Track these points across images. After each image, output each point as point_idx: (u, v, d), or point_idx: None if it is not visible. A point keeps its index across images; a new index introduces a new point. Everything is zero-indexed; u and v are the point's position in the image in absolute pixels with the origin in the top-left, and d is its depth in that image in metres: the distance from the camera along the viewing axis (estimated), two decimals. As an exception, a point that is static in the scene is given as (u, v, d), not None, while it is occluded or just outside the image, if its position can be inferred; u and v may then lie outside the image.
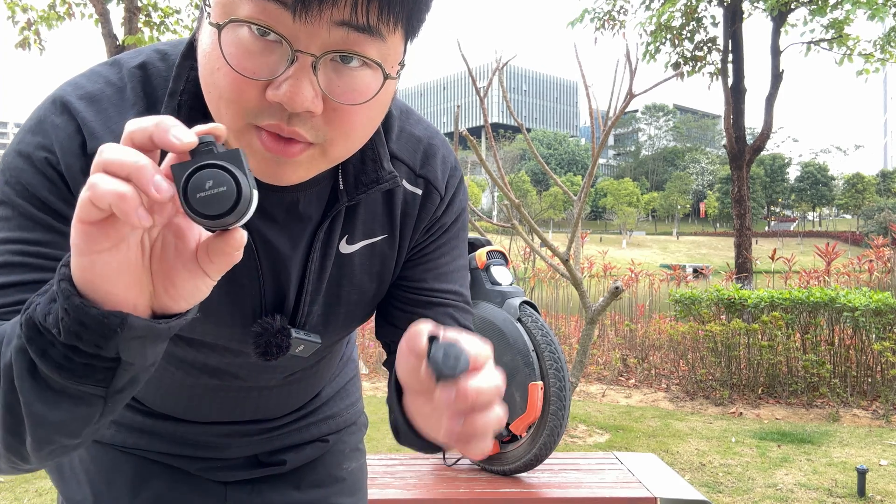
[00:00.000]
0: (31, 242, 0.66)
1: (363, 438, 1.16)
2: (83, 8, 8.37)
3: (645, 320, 8.20)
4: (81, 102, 0.69)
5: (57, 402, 0.54)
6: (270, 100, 0.59)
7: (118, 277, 0.50)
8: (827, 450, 4.53)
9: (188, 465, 0.97)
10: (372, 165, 0.77)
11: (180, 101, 0.70)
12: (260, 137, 0.62)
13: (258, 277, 0.78)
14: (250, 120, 0.61)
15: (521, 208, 4.32)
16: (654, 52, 11.32)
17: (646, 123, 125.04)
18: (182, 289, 0.52)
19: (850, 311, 5.59)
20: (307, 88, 0.58)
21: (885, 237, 8.76)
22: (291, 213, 0.77)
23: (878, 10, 8.89)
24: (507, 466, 2.46)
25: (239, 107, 0.61)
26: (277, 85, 0.59)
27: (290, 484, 1.02)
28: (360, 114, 0.64)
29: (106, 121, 0.69)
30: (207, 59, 0.62)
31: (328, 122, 0.62)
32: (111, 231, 0.48)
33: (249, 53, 0.59)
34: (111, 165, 0.47)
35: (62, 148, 0.67)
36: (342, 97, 0.61)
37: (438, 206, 0.84)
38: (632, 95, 4.15)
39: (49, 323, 0.50)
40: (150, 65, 0.73)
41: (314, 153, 0.64)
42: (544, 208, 46.00)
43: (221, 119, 0.63)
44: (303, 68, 0.58)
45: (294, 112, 0.60)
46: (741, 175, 10.51)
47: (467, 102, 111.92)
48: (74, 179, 0.68)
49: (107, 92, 0.71)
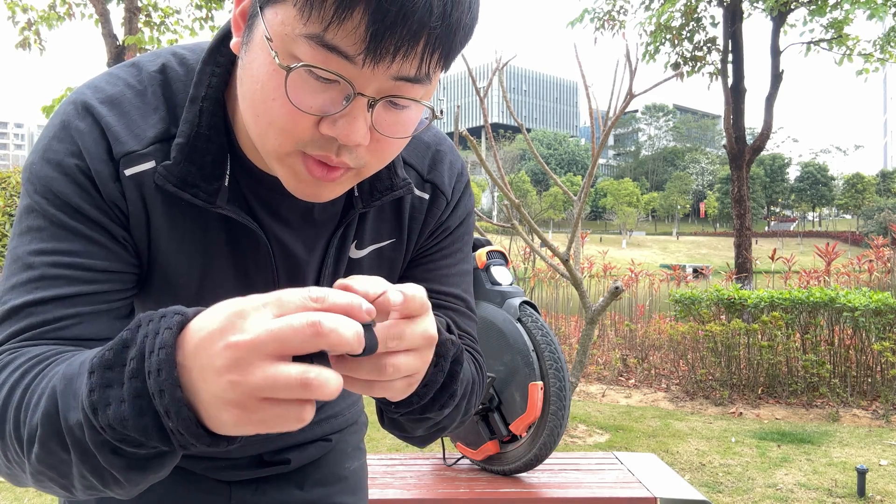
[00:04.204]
0: (66, 253, 0.67)
1: (364, 438, 1.16)
2: (83, 8, 8.38)
3: (645, 320, 8.20)
4: (104, 107, 0.70)
5: (146, 465, 0.54)
6: (324, 133, 0.61)
7: None
8: (827, 450, 4.53)
9: (193, 465, 0.96)
10: (386, 173, 0.79)
11: (202, 108, 0.70)
12: (306, 163, 0.64)
13: (274, 281, 0.79)
14: (298, 147, 0.63)
15: (521, 208, 4.32)
16: (654, 52, 11.33)
17: (646, 123, 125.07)
18: None
19: (850, 311, 5.59)
20: (363, 126, 0.61)
21: (885, 237, 8.77)
22: (306, 219, 0.79)
23: (877, 10, 8.89)
24: (507, 466, 2.46)
25: (291, 136, 0.62)
26: (333, 120, 0.61)
27: (294, 483, 1.02)
28: (400, 142, 0.67)
29: (129, 124, 0.70)
30: (262, 87, 0.62)
31: (370, 152, 0.65)
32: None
33: (310, 91, 0.60)
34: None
35: (90, 154, 0.68)
36: (388, 131, 0.64)
37: (444, 210, 0.86)
38: (632, 95, 4.15)
39: (154, 439, 0.50)
40: (169, 69, 0.73)
41: (351, 175, 0.67)
42: (544, 208, 45.96)
43: (266, 141, 0.64)
44: (359, 108, 0.60)
45: (345, 145, 0.62)
46: (741, 175, 10.51)
47: (467, 102, 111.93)
48: (105, 185, 0.68)
49: (127, 95, 0.71)
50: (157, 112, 0.71)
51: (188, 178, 0.70)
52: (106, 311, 0.71)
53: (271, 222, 0.77)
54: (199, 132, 0.70)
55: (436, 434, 0.79)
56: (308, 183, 0.66)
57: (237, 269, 0.78)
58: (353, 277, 0.54)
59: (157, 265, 0.75)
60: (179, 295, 0.77)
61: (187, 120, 0.70)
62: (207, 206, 0.71)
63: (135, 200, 0.71)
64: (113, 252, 0.71)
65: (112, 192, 0.69)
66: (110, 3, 7.35)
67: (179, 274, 0.76)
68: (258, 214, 0.77)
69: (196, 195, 0.70)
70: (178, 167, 0.69)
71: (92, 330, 0.70)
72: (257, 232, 0.75)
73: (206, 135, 0.70)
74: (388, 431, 0.78)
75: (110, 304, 0.71)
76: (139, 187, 0.70)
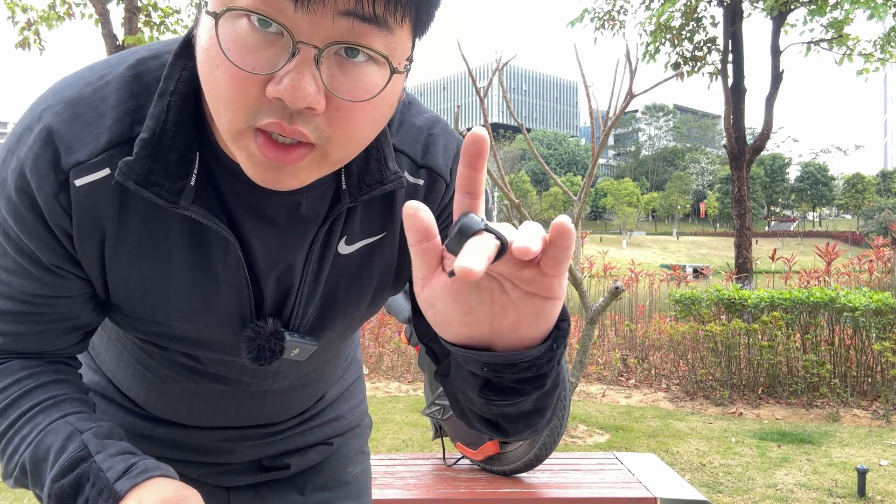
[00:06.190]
0: (2, 270, 0.72)
1: (367, 441, 1.14)
2: (83, 8, 8.38)
3: (645, 320, 8.20)
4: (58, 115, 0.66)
5: None
6: (270, 96, 0.56)
7: None
8: (827, 450, 4.53)
9: (191, 471, 0.95)
10: (376, 165, 0.74)
11: (169, 102, 0.66)
12: (257, 142, 0.59)
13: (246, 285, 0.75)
14: (250, 121, 0.58)
15: (521, 208, 4.31)
16: (654, 52, 11.33)
17: (646, 123, 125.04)
18: None
19: (851, 311, 5.59)
20: (309, 83, 0.55)
21: (885, 237, 8.76)
22: (293, 215, 0.75)
23: (877, 10, 8.89)
24: (507, 466, 2.46)
25: (238, 105, 0.57)
26: (278, 80, 0.55)
27: (294, 488, 1.00)
28: (364, 113, 0.60)
29: (81, 132, 0.66)
30: (206, 55, 0.58)
31: (330, 122, 0.59)
32: None
33: (248, 47, 0.56)
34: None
35: (34, 170, 0.65)
36: (346, 94, 0.58)
37: (445, 193, 0.81)
38: (632, 95, 4.15)
39: None
40: (141, 63, 0.70)
41: (314, 157, 0.61)
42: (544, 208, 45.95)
43: (221, 121, 0.60)
44: (305, 61, 0.55)
45: (296, 109, 0.56)
46: (741, 175, 10.51)
47: (467, 102, 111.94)
48: (47, 202, 0.66)
49: (85, 96, 0.67)
50: (115, 111, 0.67)
51: (151, 175, 0.65)
52: (52, 329, 0.75)
53: (253, 222, 0.73)
54: (164, 128, 0.65)
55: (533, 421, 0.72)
56: (264, 167, 0.60)
57: (202, 273, 0.73)
58: None
59: (115, 275, 0.73)
60: (143, 303, 0.75)
61: (153, 115, 0.66)
62: (169, 206, 0.66)
63: (85, 211, 0.67)
64: (43, 281, 0.71)
65: (54, 210, 0.67)
66: (110, 3, 7.35)
67: (140, 282, 0.73)
68: (236, 215, 0.72)
69: (158, 194, 0.65)
70: (141, 164, 0.65)
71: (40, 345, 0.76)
72: (224, 234, 0.70)
73: (173, 130, 0.66)
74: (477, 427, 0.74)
75: (52, 325, 0.75)
76: (90, 197, 0.67)
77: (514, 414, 0.67)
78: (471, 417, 0.73)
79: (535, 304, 0.54)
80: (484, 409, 0.67)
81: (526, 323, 0.55)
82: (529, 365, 0.58)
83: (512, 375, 0.59)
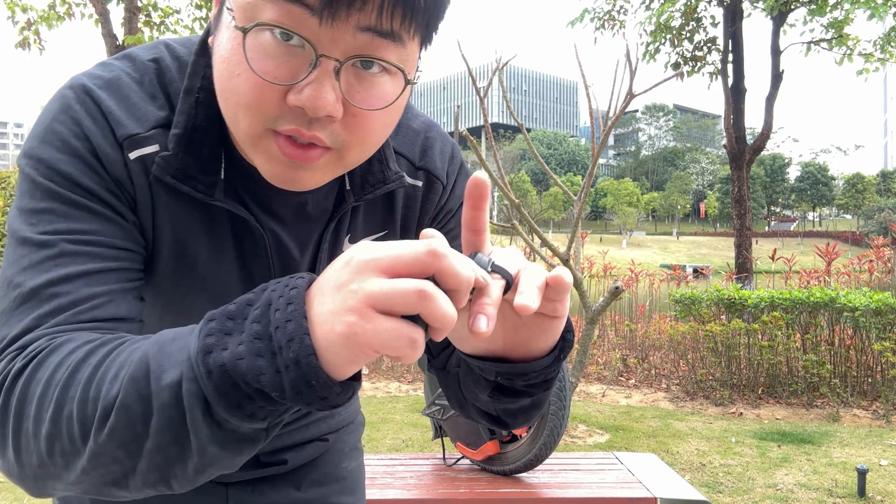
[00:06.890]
0: (84, 232, 0.64)
1: (361, 437, 1.16)
2: (83, 8, 8.38)
3: (645, 320, 8.20)
4: (103, 91, 0.68)
5: (229, 442, 0.51)
6: (291, 104, 0.59)
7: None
8: (827, 450, 4.53)
9: None
10: (378, 166, 0.78)
11: (198, 99, 0.69)
12: (278, 143, 0.62)
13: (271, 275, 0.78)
14: (269, 125, 0.61)
15: (521, 208, 4.31)
16: (654, 52, 11.34)
17: (646, 123, 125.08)
18: None
19: (851, 311, 5.59)
20: (329, 93, 0.59)
21: (885, 237, 8.76)
22: (299, 214, 0.78)
23: (877, 10, 8.89)
24: (507, 466, 2.46)
25: (259, 112, 0.60)
26: (300, 89, 0.59)
27: (291, 483, 1.01)
28: (378, 120, 0.64)
29: (129, 107, 0.68)
30: (227, 64, 0.61)
31: (346, 128, 0.62)
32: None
33: (272, 58, 0.59)
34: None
35: (94, 135, 0.66)
36: (362, 102, 0.61)
37: (442, 195, 0.85)
38: (632, 95, 4.15)
39: (265, 384, 0.47)
40: (162, 60, 0.72)
41: (330, 158, 0.64)
42: (544, 208, 46.00)
43: (238, 125, 0.62)
44: (325, 73, 0.58)
45: (315, 117, 0.60)
46: (741, 175, 10.52)
47: (467, 102, 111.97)
48: (112, 167, 0.67)
49: (125, 80, 0.70)
50: (155, 100, 0.70)
51: (187, 170, 0.69)
52: (132, 290, 0.68)
53: (265, 217, 0.76)
54: (196, 124, 0.69)
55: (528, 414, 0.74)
56: (284, 165, 0.63)
57: (239, 260, 0.77)
58: None
59: (161, 251, 0.74)
60: (185, 282, 0.76)
61: (183, 111, 0.69)
62: (206, 198, 0.70)
63: (141, 185, 0.69)
64: (128, 231, 0.69)
65: (120, 174, 0.68)
66: (110, 3, 7.35)
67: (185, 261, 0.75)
68: (252, 210, 0.76)
69: (195, 188, 0.69)
70: (177, 158, 0.68)
71: (125, 309, 0.66)
72: (254, 225, 0.74)
73: (204, 126, 0.69)
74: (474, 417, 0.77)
75: (134, 283, 0.68)
76: (145, 172, 0.69)
77: (516, 409, 0.71)
78: (472, 412, 0.77)
79: (543, 322, 0.60)
80: (489, 406, 0.71)
81: (535, 338, 0.61)
82: (539, 373, 0.64)
83: (523, 382, 0.65)
